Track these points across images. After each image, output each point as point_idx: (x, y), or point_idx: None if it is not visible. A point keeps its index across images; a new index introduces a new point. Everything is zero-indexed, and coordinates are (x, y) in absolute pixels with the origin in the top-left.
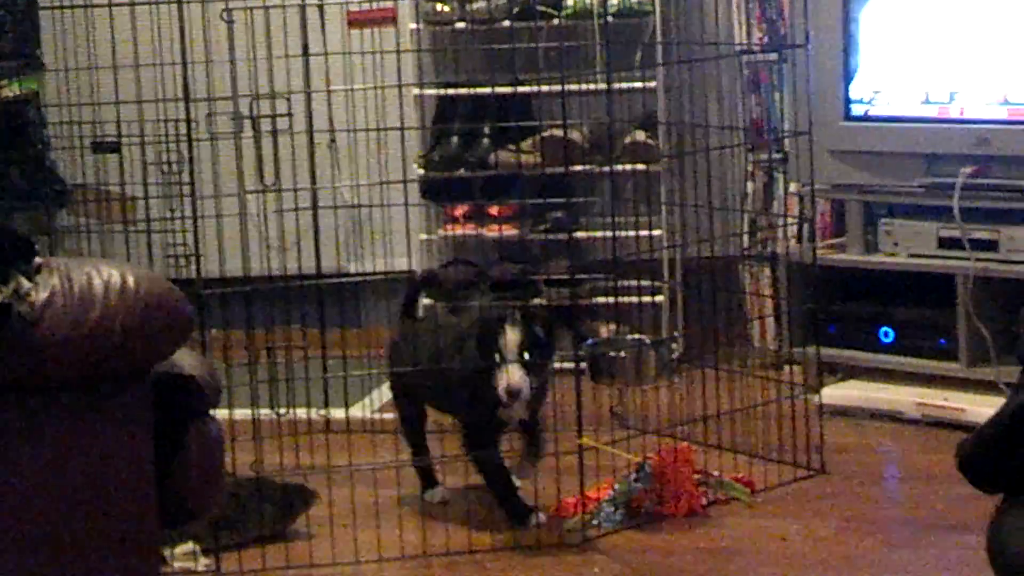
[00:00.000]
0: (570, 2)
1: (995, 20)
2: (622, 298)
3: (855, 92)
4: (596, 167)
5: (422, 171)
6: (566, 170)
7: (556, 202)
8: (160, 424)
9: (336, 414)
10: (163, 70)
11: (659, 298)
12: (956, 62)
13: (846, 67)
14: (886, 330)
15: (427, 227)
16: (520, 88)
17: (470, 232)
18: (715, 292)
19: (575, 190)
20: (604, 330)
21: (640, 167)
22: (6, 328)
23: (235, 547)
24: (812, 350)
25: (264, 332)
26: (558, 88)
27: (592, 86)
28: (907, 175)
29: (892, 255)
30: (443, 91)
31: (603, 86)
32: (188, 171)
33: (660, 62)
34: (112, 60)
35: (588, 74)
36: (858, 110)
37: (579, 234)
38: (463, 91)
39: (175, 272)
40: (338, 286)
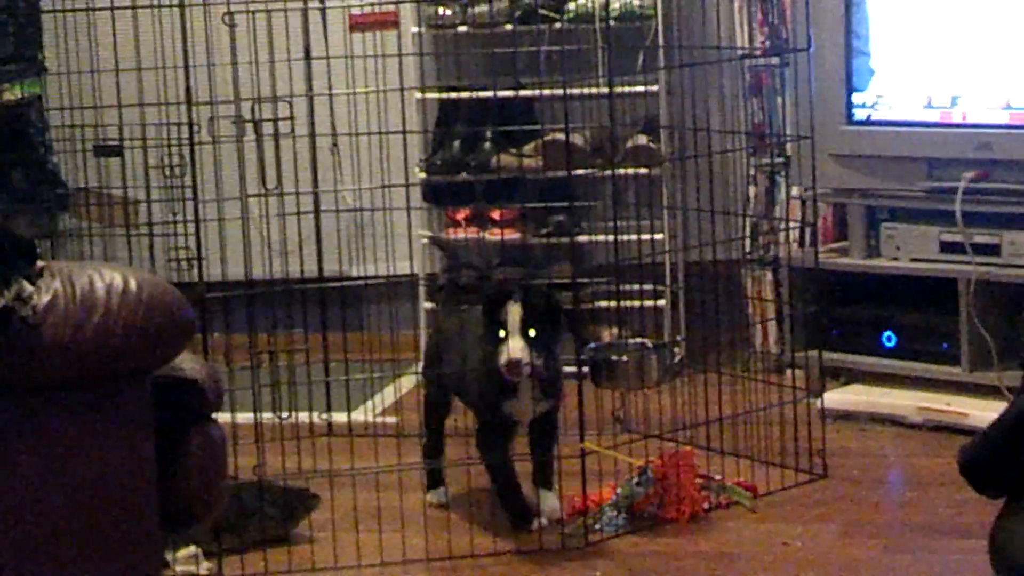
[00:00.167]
0: (572, 6)
1: (997, 25)
2: (624, 302)
3: (857, 96)
4: (598, 171)
5: (424, 175)
6: (568, 174)
7: (558, 206)
8: (162, 427)
9: (338, 418)
10: (165, 73)
11: (661, 302)
12: (958, 67)
13: (848, 71)
14: (888, 334)
15: (429, 231)
16: (522, 92)
17: (472, 236)
18: (717, 296)
19: (577, 194)
20: (606, 334)
21: (642, 171)
22: (8, 331)
23: (237, 551)
24: (814, 354)
25: (266, 335)
26: (560, 92)
27: (594, 90)
28: (909, 179)
29: (894, 259)
30: (445, 95)
31: (605, 90)
32: (190, 174)
33: (662, 66)
34: (114, 63)
35: (590, 78)
36: (860, 114)
37: (581, 238)
38: (465, 95)
39: (177, 276)
40: (340, 290)
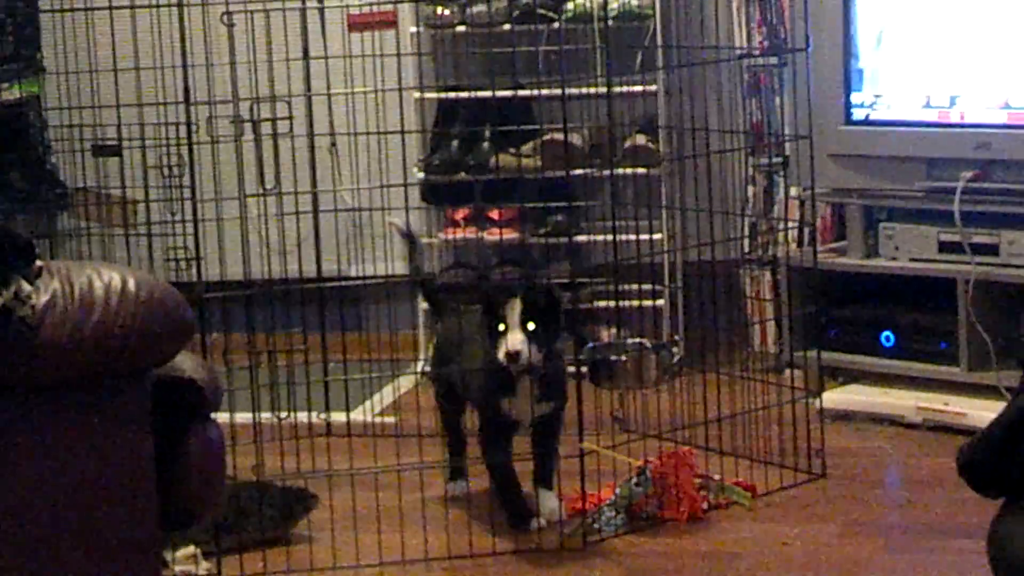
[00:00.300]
0: (570, 6)
1: (996, 24)
2: (623, 302)
3: (856, 96)
4: (596, 171)
5: (422, 175)
6: (566, 174)
7: (556, 206)
8: (161, 427)
9: (337, 418)
10: (163, 73)
11: (660, 302)
12: (957, 66)
13: (847, 71)
14: (887, 334)
15: (428, 231)
16: (520, 92)
17: (471, 236)
18: (716, 296)
19: (575, 194)
20: (605, 334)
21: (641, 171)
22: (6, 331)
23: (236, 551)
24: (813, 354)
25: (265, 335)
26: (558, 92)
27: (592, 90)
28: (908, 179)
29: (892, 259)
30: (443, 94)
31: (603, 90)
32: (189, 174)
33: (660, 66)
34: (113, 63)
35: (588, 78)
36: (859, 114)
37: (579, 238)
38: (464, 94)
39: (176, 275)
40: (339, 289)
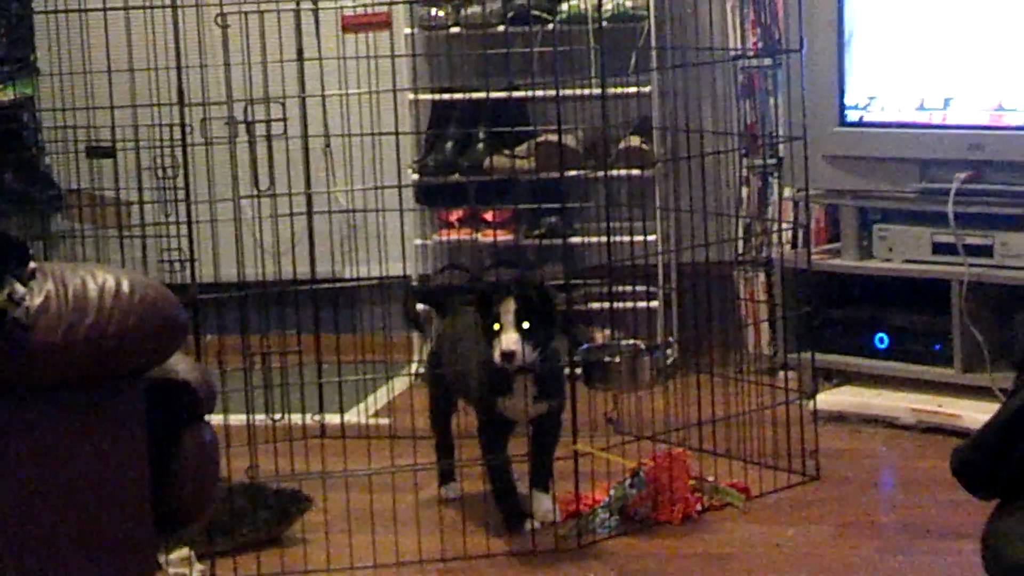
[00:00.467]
0: (565, 7)
1: (989, 26)
2: (617, 303)
3: (850, 98)
4: (591, 172)
5: (417, 176)
6: (561, 175)
7: (551, 207)
8: (155, 429)
9: (331, 419)
10: (158, 74)
11: (654, 303)
12: (950, 68)
13: (840, 72)
14: (881, 336)
15: (422, 232)
16: (515, 93)
17: (465, 237)
18: (710, 297)
19: (570, 195)
20: (599, 335)
21: (635, 172)
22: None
23: (230, 553)
24: (807, 356)
25: (259, 337)
26: (553, 93)
27: (587, 91)
28: (901, 181)
29: (886, 260)
30: (438, 96)
31: (598, 91)
32: (183, 176)
33: (655, 67)
34: (107, 64)
35: (583, 79)
36: (853, 116)
37: (574, 239)
38: (458, 96)
39: (170, 277)
40: (333, 291)
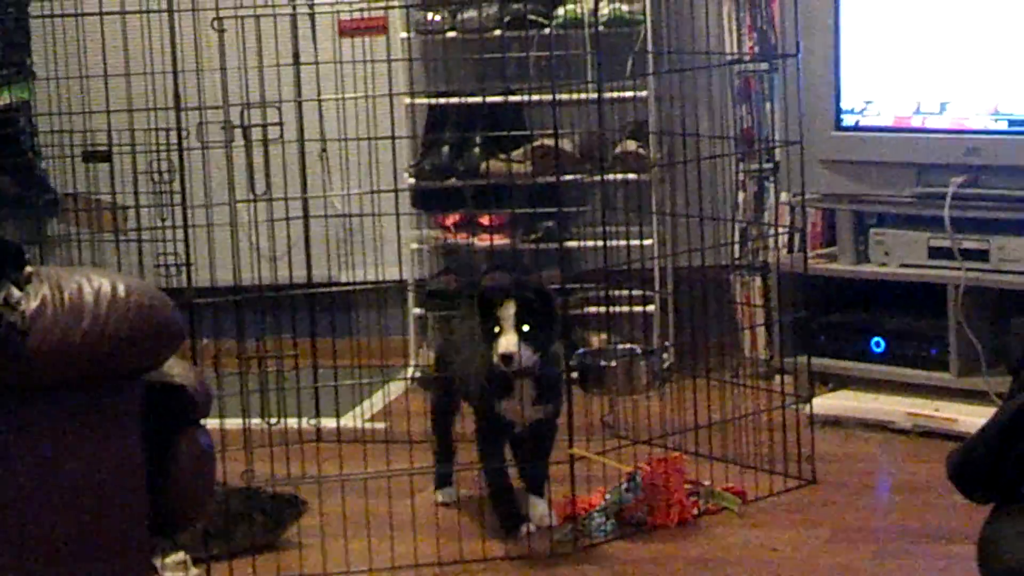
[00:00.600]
0: (561, 11)
1: (986, 30)
2: (613, 308)
3: (846, 102)
4: (587, 176)
5: (413, 180)
6: (557, 179)
7: (547, 211)
8: (151, 433)
9: (327, 423)
10: (154, 79)
11: (650, 308)
12: (947, 72)
13: (837, 77)
14: (877, 340)
15: (418, 236)
16: (511, 97)
17: (461, 241)
18: (706, 302)
19: (566, 199)
20: (595, 340)
21: (631, 176)
22: None
23: (225, 557)
24: (803, 360)
25: (255, 341)
26: (549, 97)
27: (583, 95)
28: (898, 185)
29: (883, 265)
30: (434, 100)
31: (594, 95)
32: (179, 180)
33: (651, 71)
34: (103, 69)
35: (579, 83)
36: (849, 120)
37: (570, 244)
38: (454, 100)
39: (166, 281)
40: (329, 295)
